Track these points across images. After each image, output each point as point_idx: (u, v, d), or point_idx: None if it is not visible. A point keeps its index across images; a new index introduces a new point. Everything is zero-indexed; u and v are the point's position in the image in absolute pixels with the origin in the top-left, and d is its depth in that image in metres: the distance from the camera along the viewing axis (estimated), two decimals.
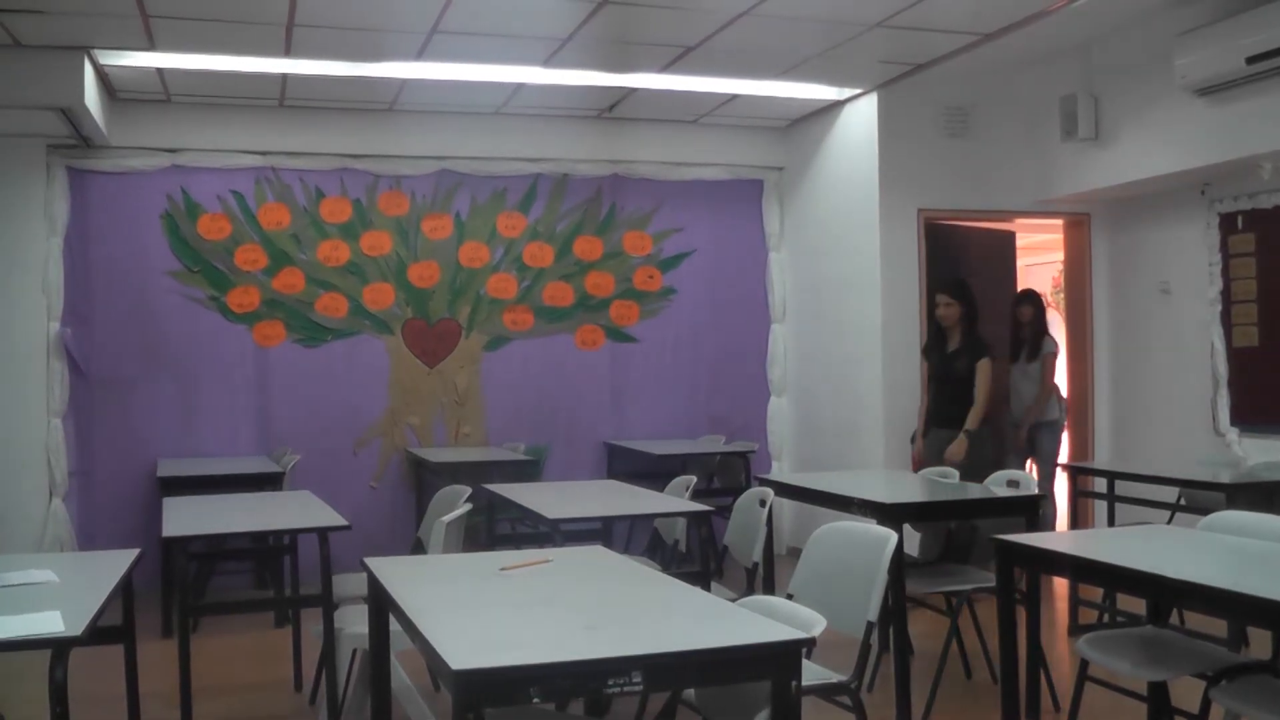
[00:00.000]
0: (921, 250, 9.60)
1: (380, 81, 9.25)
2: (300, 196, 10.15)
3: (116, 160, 9.73)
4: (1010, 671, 4.89)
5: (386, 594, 3.83)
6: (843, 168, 10.12)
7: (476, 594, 3.82)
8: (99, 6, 7.49)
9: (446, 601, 3.73)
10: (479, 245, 10.49)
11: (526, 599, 3.72)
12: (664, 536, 6.97)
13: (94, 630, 3.52)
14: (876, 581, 4.16)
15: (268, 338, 10.04)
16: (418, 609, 3.48)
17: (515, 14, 7.69)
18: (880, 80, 9.41)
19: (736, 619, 3.39)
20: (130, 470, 9.67)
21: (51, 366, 9.48)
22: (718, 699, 3.90)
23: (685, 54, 8.59)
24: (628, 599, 3.81)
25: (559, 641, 3.17)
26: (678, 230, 10.92)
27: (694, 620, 3.43)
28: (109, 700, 5.15)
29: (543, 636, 3.25)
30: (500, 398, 10.52)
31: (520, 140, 10.48)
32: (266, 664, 7.43)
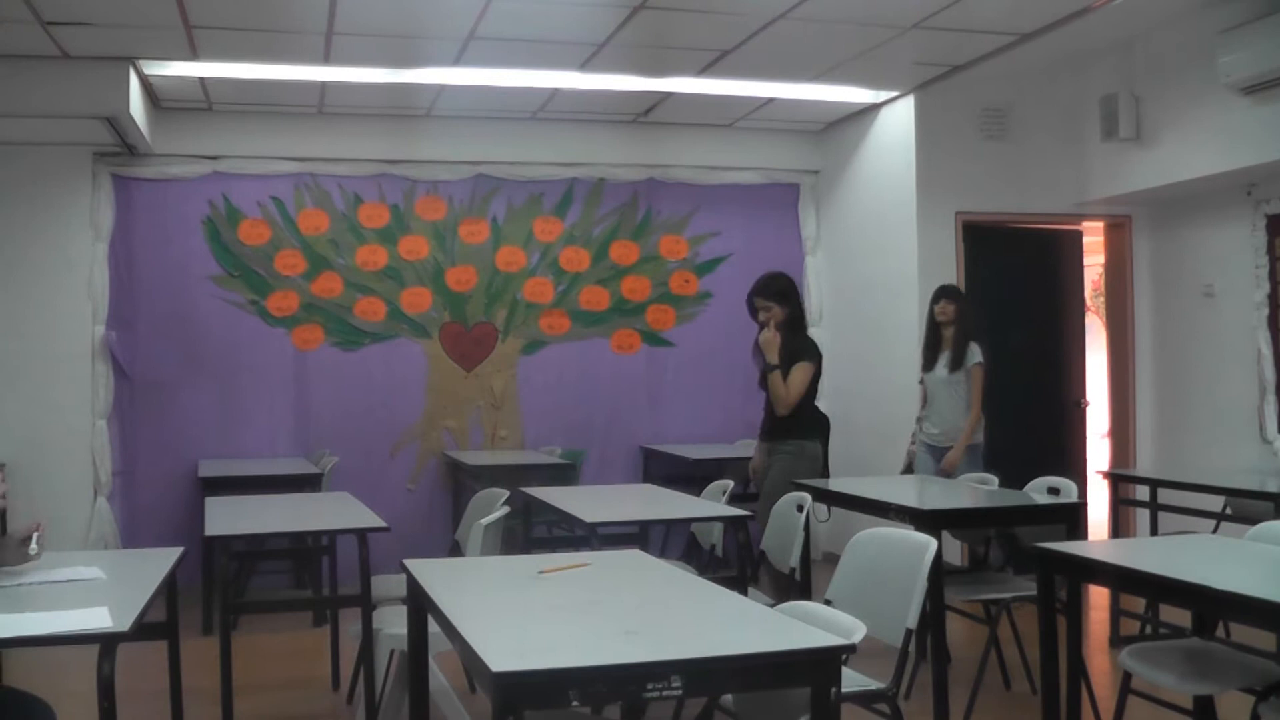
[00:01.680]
0: (959, 253, 9.58)
1: (417, 87, 9.31)
2: (339, 202, 10.22)
3: (160, 167, 9.83)
4: (1051, 682, 4.84)
5: (426, 595, 3.85)
6: (880, 171, 10.11)
7: (515, 597, 3.84)
8: (144, 18, 7.58)
9: (486, 604, 3.75)
10: (515, 249, 10.53)
11: (565, 602, 3.73)
12: (700, 541, 6.99)
13: (140, 626, 3.56)
14: (916, 588, 4.12)
15: (307, 341, 10.11)
16: (457, 611, 3.50)
17: (551, 19, 7.72)
18: (917, 82, 9.40)
19: (776, 624, 3.39)
20: (172, 471, 9.78)
21: (96, 369, 9.61)
22: (755, 705, 3.90)
23: (721, 58, 8.61)
24: (666, 603, 3.81)
25: (598, 645, 3.18)
26: (714, 234, 10.94)
27: (733, 625, 3.43)
28: (153, 695, 5.21)
29: (582, 640, 3.26)
30: (537, 401, 10.56)
31: (556, 145, 10.52)
32: (305, 663, 7.50)
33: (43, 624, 3.46)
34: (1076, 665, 4.86)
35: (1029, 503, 6.45)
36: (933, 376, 8.54)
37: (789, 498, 6.19)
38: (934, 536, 4.30)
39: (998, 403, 9.48)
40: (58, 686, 4.20)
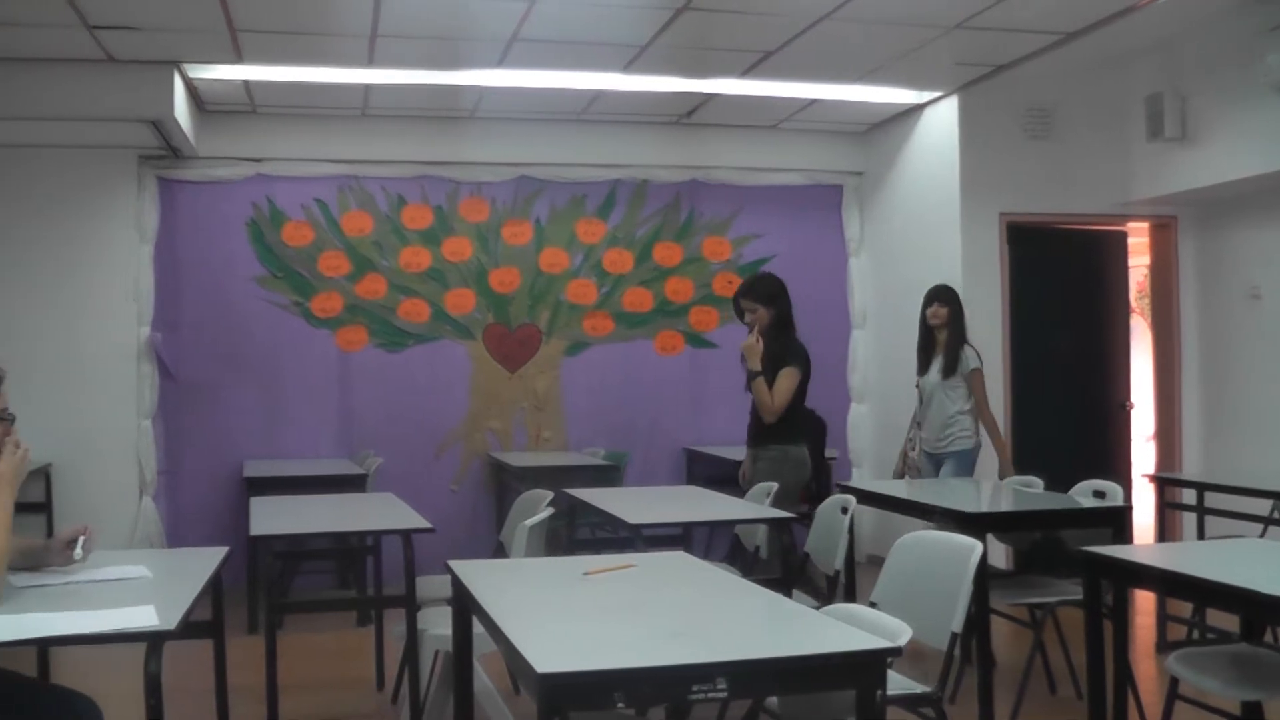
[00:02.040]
0: (1003, 254, 9.54)
1: (461, 89, 9.33)
2: (382, 204, 10.25)
3: (204, 170, 9.89)
4: (1097, 688, 4.80)
5: (471, 596, 3.85)
6: (923, 172, 10.08)
7: (560, 598, 3.83)
8: (188, 22, 7.63)
9: (530, 605, 3.75)
10: (559, 251, 10.55)
11: (610, 604, 3.73)
12: (744, 543, 6.97)
13: (186, 625, 3.57)
14: (961, 592, 4.08)
15: (350, 343, 10.15)
16: (502, 612, 3.49)
17: (594, 21, 7.73)
18: (960, 82, 9.36)
19: (821, 626, 3.38)
20: (217, 471, 9.84)
21: (142, 370, 9.69)
22: (800, 707, 3.89)
23: (764, 59, 8.60)
24: (711, 605, 3.80)
25: (643, 646, 3.17)
26: (757, 236, 10.93)
27: (778, 627, 3.43)
28: (198, 693, 5.23)
29: (627, 641, 3.25)
30: (580, 403, 10.57)
31: (599, 146, 10.53)
32: (349, 663, 7.51)
33: (90, 622, 3.47)
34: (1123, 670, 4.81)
35: (1074, 506, 6.40)
36: (926, 381, 8.39)
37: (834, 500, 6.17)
38: (979, 540, 4.27)
39: (1042, 405, 9.50)
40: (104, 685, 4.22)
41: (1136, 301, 13.81)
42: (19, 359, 8.73)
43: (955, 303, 8.27)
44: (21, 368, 8.71)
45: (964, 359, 8.14)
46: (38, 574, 4.11)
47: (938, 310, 8.24)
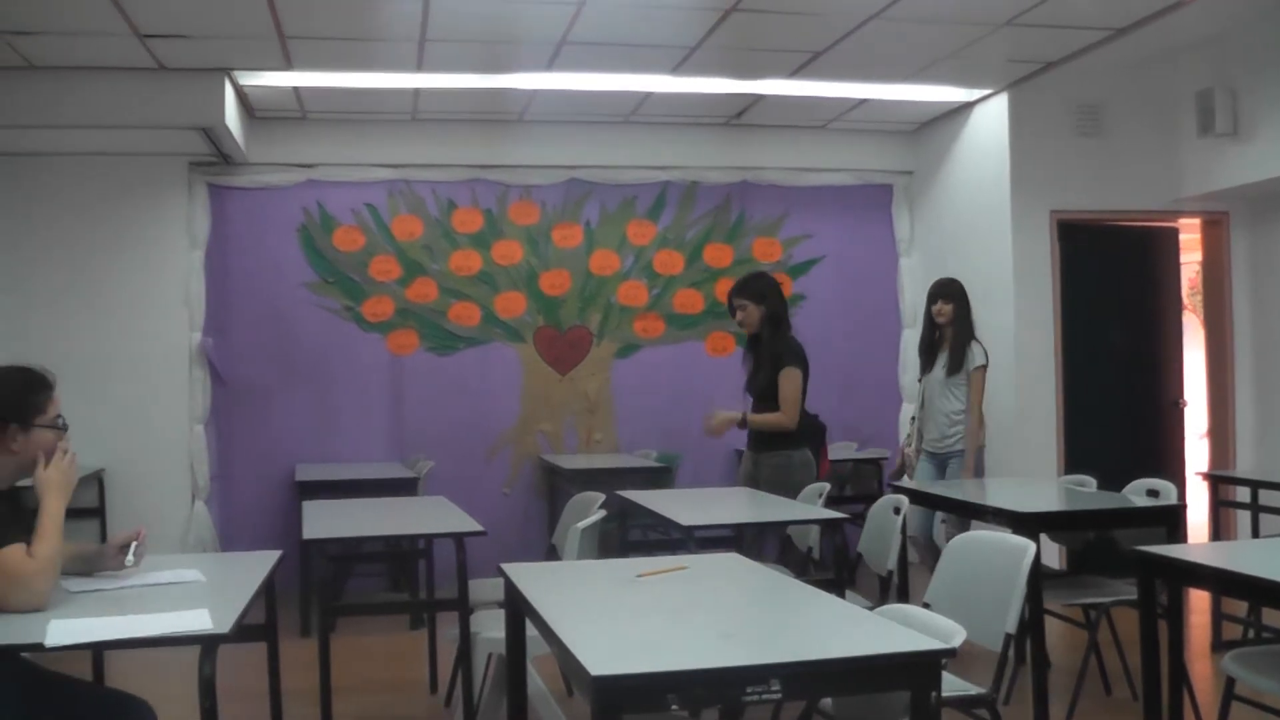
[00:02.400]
0: (1054, 252, 9.48)
1: (510, 93, 9.34)
2: (432, 207, 10.28)
3: (254, 176, 9.95)
4: (1152, 688, 4.75)
5: (524, 599, 3.85)
6: (973, 170, 10.03)
7: (614, 600, 3.83)
8: (239, 30, 7.68)
9: (584, 607, 3.74)
10: (609, 253, 10.55)
11: (663, 605, 3.72)
12: (797, 544, 6.95)
13: (240, 628, 3.59)
14: (1015, 592, 4.06)
15: (402, 346, 10.18)
16: (555, 615, 3.49)
17: (644, 23, 7.72)
18: (1010, 80, 9.31)
19: (875, 627, 3.36)
20: (269, 475, 9.90)
21: (194, 375, 9.76)
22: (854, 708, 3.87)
23: (813, 59, 8.57)
24: (764, 606, 3.80)
25: (697, 649, 3.17)
26: (807, 236, 10.89)
27: (831, 628, 3.41)
28: (252, 696, 5.25)
29: (680, 643, 3.25)
30: (631, 405, 10.57)
31: (649, 148, 10.53)
32: (402, 665, 7.54)
33: (145, 626, 3.49)
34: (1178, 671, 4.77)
35: (1128, 505, 6.35)
36: (930, 379, 8.28)
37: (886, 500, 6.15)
38: (1032, 539, 4.24)
39: (1094, 403, 9.43)
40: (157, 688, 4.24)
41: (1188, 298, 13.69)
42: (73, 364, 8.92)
43: (961, 299, 8.19)
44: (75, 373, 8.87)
45: (970, 355, 8.08)
46: (92, 579, 4.14)
47: (943, 307, 8.16)
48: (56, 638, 3.35)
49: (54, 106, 8.51)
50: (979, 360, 8.05)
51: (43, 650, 3.33)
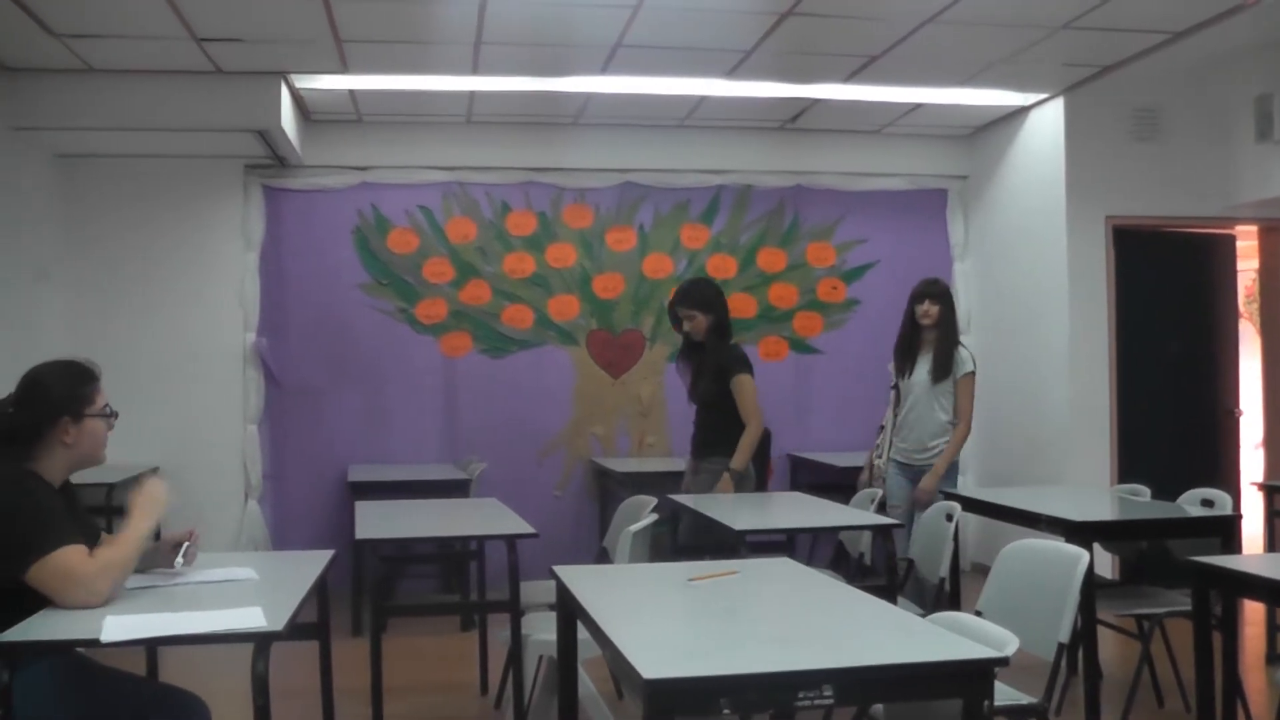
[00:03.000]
0: (1109, 258, 9.41)
1: (565, 96, 9.35)
2: (486, 210, 10.31)
3: (309, 178, 10.01)
4: (1206, 700, 4.70)
5: (576, 602, 3.86)
6: (1028, 175, 9.96)
7: (665, 604, 3.84)
8: (295, 33, 7.72)
9: (636, 611, 3.75)
10: (662, 257, 10.55)
11: (715, 610, 3.72)
12: (848, 549, 6.93)
13: (293, 626, 3.61)
14: (1068, 602, 4.03)
15: (455, 348, 10.21)
16: (608, 618, 3.50)
17: (699, 27, 7.71)
18: (1066, 84, 9.24)
19: (928, 635, 3.35)
20: (321, 475, 9.95)
21: (247, 375, 9.83)
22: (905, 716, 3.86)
23: (869, 63, 8.55)
24: (816, 611, 3.79)
25: (749, 653, 3.17)
26: (861, 241, 10.86)
27: (884, 635, 3.39)
28: (303, 693, 5.28)
29: (733, 647, 3.25)
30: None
31: (703, 152, 10.52)
32: (453, 666, 7.56)
33: (200, 623, 3.52)
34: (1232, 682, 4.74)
35: (1182, 515, 6.30)
36: (910, 384, 7.81)
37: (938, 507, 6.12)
38: (1086, 549, 4.21)
39: (1149, 411, 9.37)
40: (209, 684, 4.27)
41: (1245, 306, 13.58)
42: (129, 363, 9.07)
43: (948, 300, 7.85)
44: (131, 372, 9.04)
45: (958, 361, 7.69)
46: (146, 575, 4.18)
47: (929, 309, 7.74)
48: (112, 633, 3.38)
49: (112, 109, 8.58)
50: (969, 366, 7.71)
51: (98, 645, 3.36)
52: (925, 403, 7.69)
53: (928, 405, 7.68)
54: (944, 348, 7.68)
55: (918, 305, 7.78)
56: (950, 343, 7.71)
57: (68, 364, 4.15)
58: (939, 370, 7.65)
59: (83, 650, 3.70)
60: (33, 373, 4.08)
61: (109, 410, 4.14)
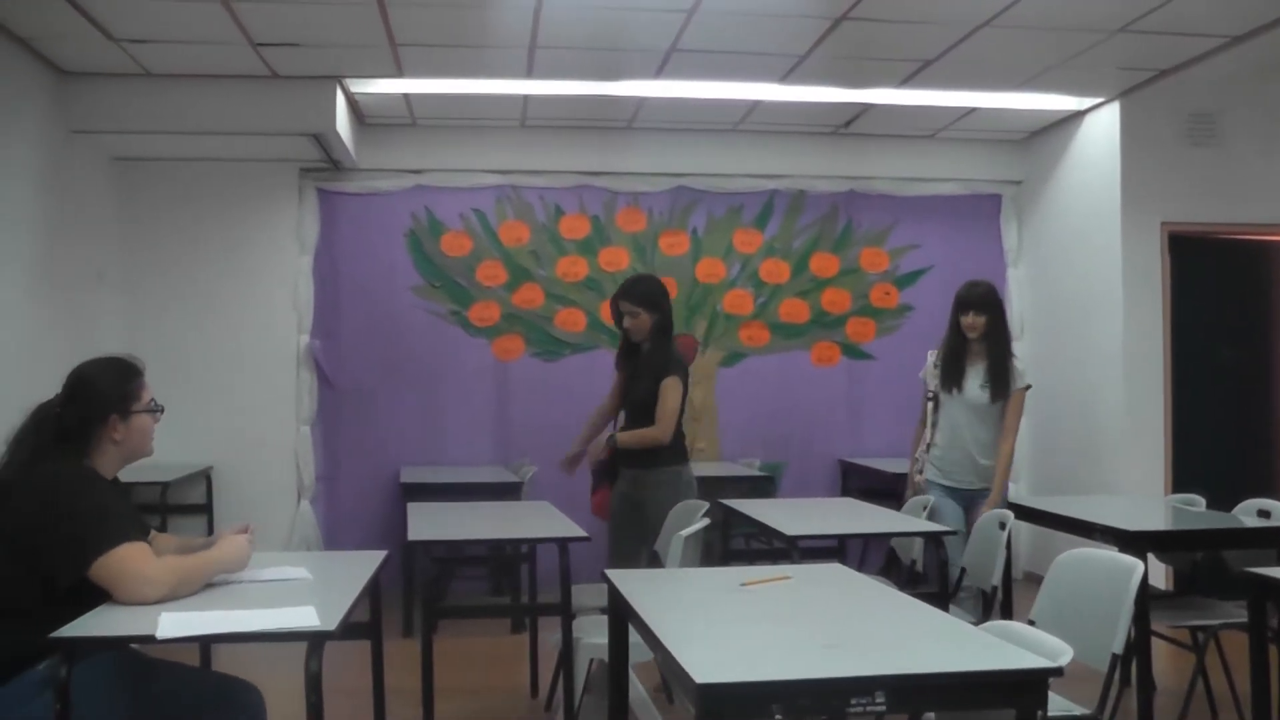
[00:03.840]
0: (1165, 266, 9.34)
1: (619, 100, 9.36)
2: (540, 213, 10.33)
3: (364, 182, 10.07)
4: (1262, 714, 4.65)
5: (628, 606, 3.86)
6: (1083, 180, 9.89)
7: (717, 609, 3.83)
8: (350, 38, 7.77)
9: (688, 615, 3.74)
10: (715, 261, 10.54)
11: (767, 615, 3.72)
12: (900, 556, 6.91)
13: (345, 626, 3.64)
14: (1122, 613, 3.98)
15: (507, 351, 10.24)
16: (659, 622, 3.50)
17: (753, 32, 7.71)
18: (1122, 88, 9.18)
19: (981, 643, 3.33)
20: (373, 476, 10.00)
21: (301, 377, 9.89)
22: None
23: (923, 68, 8.52)
24: (868, 618, 3.78)
25: (801, 659, 3.16)
26: (914, 246, 10.82)
27: (937, 642, 3.38)
28: (354, 693, 5.29)
29: (785, 653, 3.24)
30: (735, 413, 10.54)
31: (756, 157, 10.51)
32: (503, 669, 7.58)
33: (254, 621, 3.56)
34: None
35: (1238, 525, 6.22)
36: (956, 401, 7.17)
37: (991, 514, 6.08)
38: (1140, 559, 4.17)
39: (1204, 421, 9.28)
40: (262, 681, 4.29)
41: None
42: (184, 364, 9.17)
43: (996, 307, 7.23)
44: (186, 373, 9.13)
45: (1015, 375, 7.14)
46: None
47: (974, 321, 7.13)
48: (168, 630, 3.42)
49: (168, 113, 8.66)
50: (1025, 380, 7.17)
51: (153, 642, 3.40)
52: (977, 420, 7.13)
53: (980, 423, 7.13)
54: (997, 362, 7.10)
55: (962, 316, 7.19)
56: (1004, 356, 7.13)
57: (113, 361, 4.21)
58: (996, 387, 7.07)
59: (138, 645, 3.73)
60: (79, 371, 4.13)
61: (155, 405, 4.19)
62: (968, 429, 7.12)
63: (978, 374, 7.11)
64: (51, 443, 3.97)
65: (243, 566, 4.17)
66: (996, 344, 7.10)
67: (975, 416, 7.12)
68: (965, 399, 7.12)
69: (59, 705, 3.39)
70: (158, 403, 4.22)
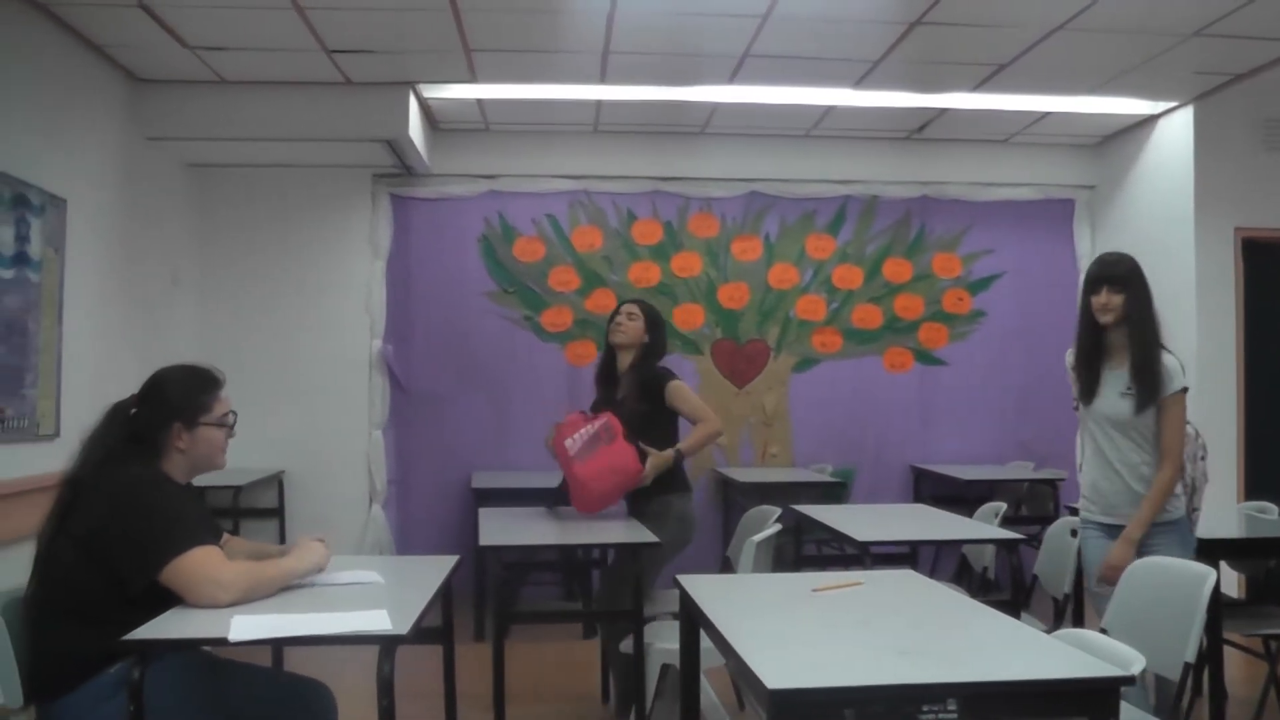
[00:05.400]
0: (1239, 271, 9.23)
1: (692, 105, 9.36)
2: (612, 219, 10.35)
3: (437, 187, 10.12)
4: None
5: (700, 611, 3.86)
6: (1156, 185, 9.80)
7: (789, 614, 3.82)
8: (424, 44, 7.81)
9: (759, 621, 3.73)
10: (788, 267, 10.52)
11: (839, 621, 3.70)
12: (972, 563, 6.87)
13: (417, 630, 3.65)
14: (1194, 621, 3.95)
15: (580, 356, 10.25)
16: (731, 628, 3.50)
17: (827, 37, 7.70)
18: (1196, 92, 9.08)
19: (1053, 651, 3.32)
20: (445, 481, 10.03)
21: (374, 381, 9.94)
22: None
23: (997, 72, 8.46)
24: (941, 625, 3.76)
25: (873, 665, 3.15)
26: (988, 252, 10.75)
27: (1010, 650, 3.36)
28: (425, 696, 5.33)
29: (856, 659, 3.23)
30: (808, 419, 10.51)
31: (829, 162, 10.48)
32: (575, 674, 7.58)
33: (326, 624, 3.58)
34: None
35: None
36: (1100, 412, 5.40)
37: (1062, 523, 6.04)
38: (1212, 567, 4.13)
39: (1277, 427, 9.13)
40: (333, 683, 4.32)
41: None
42: (257, 368, 9.26)
43: (1139, 283, 5.40)
44: (259, 377, 9.23)
45: (1168, 374, 5.31)
46: None
47: (1109, 299, 5.34)
48: (240, 632, 3.45)
49: (242, 120, 8.75)
50: (1179, 380, 5.31)
51: (226, 645, 3.42)
52: (1120, 441, 5.36)
53: (1123, 442, 5.35)
54: (1142, 356, 5.31)
55: (1094, 295, 5.40)
56: (1150, 348, 5.32)
57: (191, 369, 4.22)
58: (1144, 390, 5.28)
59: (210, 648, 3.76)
60: (156, 375, 4.16)
61: (229, 419, 4.19)
62: (1110, 449, 5.37)
63: (1119, 377, 5.37)
64: (123, 443, 3.99)
65: (316, 570, 4.20)
66: (1140, 333, 5.31)
67: (1118, 434, 5.36)
68: (1107, 410, 5.37)
69: (133, 707, 3.42)
70: (234, 417, 4.23)
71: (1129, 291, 5.30)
